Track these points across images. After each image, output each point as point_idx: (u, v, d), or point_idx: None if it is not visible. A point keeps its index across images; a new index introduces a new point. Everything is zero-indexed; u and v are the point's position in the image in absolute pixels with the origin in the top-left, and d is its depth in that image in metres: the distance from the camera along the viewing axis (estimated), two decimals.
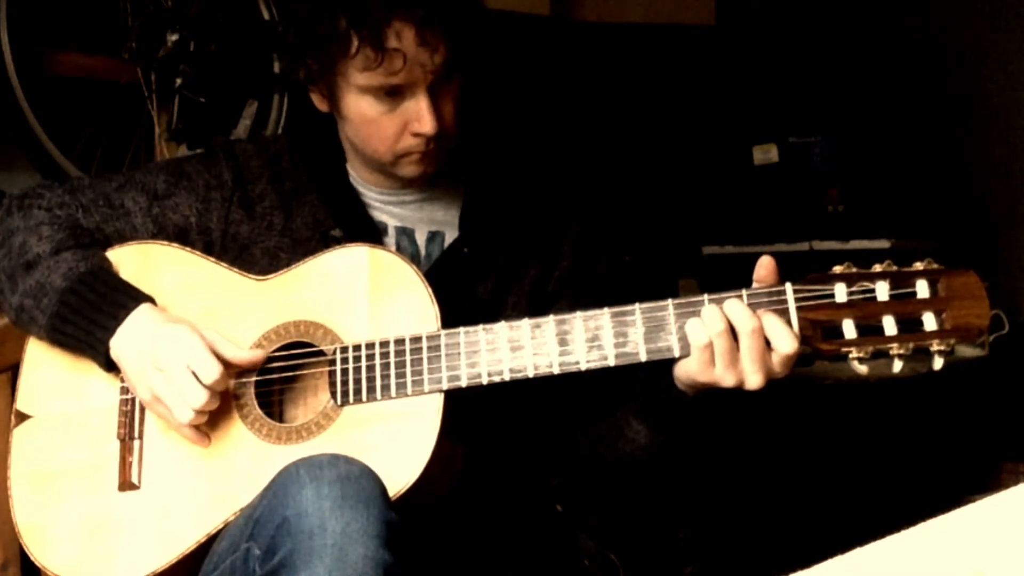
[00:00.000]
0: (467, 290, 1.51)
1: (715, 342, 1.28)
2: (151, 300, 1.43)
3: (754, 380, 1.29)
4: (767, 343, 1.27)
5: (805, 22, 3.61)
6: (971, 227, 3.19)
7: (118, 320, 1.40)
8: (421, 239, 1.57)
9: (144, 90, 2.53)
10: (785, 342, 1.27)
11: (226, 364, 1.38)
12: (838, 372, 2.65)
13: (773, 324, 1.27)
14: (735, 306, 1.28)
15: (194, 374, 1.35)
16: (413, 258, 1.54)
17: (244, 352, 1.39)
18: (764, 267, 1.32)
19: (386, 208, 1.57)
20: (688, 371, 1.32)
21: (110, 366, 1.43)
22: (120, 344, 1.40)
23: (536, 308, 1.51)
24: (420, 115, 1.44)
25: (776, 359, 1.28)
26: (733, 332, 1.28)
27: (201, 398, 1.35)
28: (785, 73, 3.56)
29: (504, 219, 1.56)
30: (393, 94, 1.44)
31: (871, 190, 3.18)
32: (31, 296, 1.44)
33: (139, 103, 2.53)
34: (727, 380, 1.29)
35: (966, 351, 2.73)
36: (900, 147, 3.47)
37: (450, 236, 1.56)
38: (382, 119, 1.45)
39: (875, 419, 2.75)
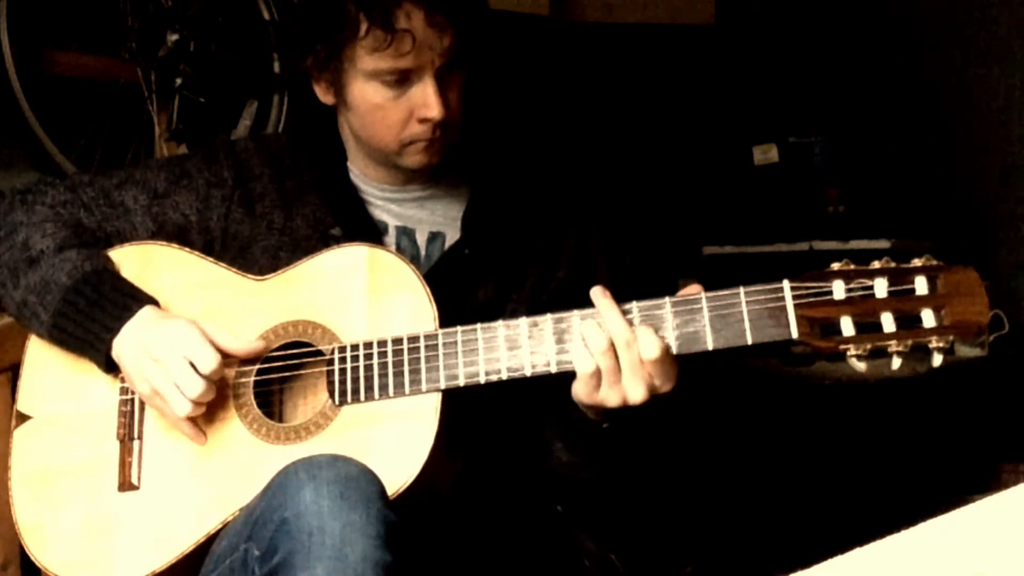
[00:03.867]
0: (467, 293, 1.51)
1: (600, 363, 1.29)
2: (154, 302, 1.43)
3: (636, 394, 1.30)
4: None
5: (805, 22, 3.61)
6: (971, 227, 3.19)
7: (121, 321, 1.41)
8: (422, 239, 1.57)
9: (144, 90, 2.53)
10: (649, 347, 1.28)
11: (226, 355, 1.38)
12: (838, 372, 2.65)
13: (641, 332, 1.28)
14: (614, 320, 1.29)
15: (192, 365, 1.35)
16: (413, 259, 1.54)
17: (244, 342, 1.39)
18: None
19: (387, 207, 1.57)
20: (577, 395, 1.33)
21: (110, 366, 1.43)
22: (121, 344, 1.40)
23: (535, 314, 1.51)
24: (427, 100, 1.44)
25: (650, 369, 1.29)
26: (614, 349, 1.29)
27: (198, 387, 1.35)
28: (785, 73, 3.56)
29: (507, 222, 1.56)
30: (400, 80, 1.44)
31: (871, 190, 3.18)
32: (35, 293, 1.45)
33: (139, 103, 2.53)
34: (611, 399, 1.31)
35: (966, 351, 2.73)
36: (900, 147, 3.47)
37: (451, 237, 1.56)
38: (388, 105, 1.46)
39: (875, 419, 2.74)
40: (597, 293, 1.32)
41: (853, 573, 0.95)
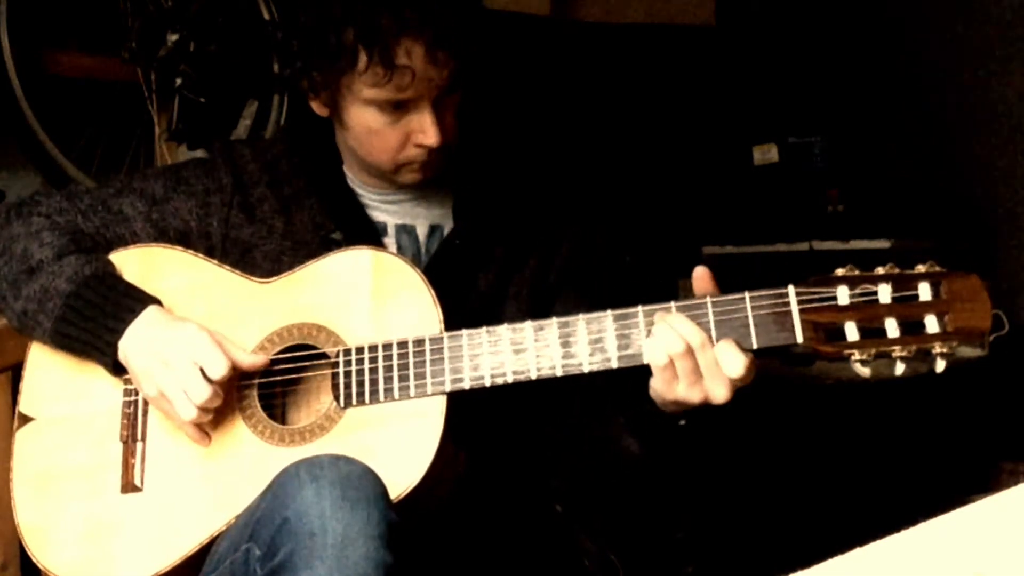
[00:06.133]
0: (468, 282, 1.51)
1: (677, 363, 1.28)
2: (157, 302, 1.44)
3: (720, 394, 1.28)
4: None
5: (805, 22, 3.61)
6: (971, 227, 3.19)
7: (125, 323, 1.41)
8: (422, 234, 1.57)
9: (144, 90, 2.53)
10: (733, 366, 1.26)
11: (232, 365, 1.38)
12: (838, 372, 2.65)
13: (722, 349, 1.27)
14: (682, 323, 1.28)
15: (201, 370, 1.36)
16: (415, 254, 1.55)
17: (247, 355, 1.39)
18: (699, 278, 1.32)
19: (384, 207, 1.57)
20: (655, 389, 1.32)
21: (117, 369, 1.43)
22: (127, 345, 1.40)
23: (539, 299, 1.52)
24: (424, 128, 1.44)
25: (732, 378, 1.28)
26: (691, 349, 1.27)
27: (205, 393, 1.35)
28: (785, 73, 3.56)
29: (499, 212, 1.57)
30: (398, 107, 1.44)
31: (871, 190, 3.18)
32: (35, 301, 1.45)
33: (139, 103, 2.53)
34: (693, 397, 1.29)
35: (966, 351, 2.73)
36: (900, 147, 3.47)
37: (448, 229, 1.57)
38: (385, 130, 1.46)
39: (875, 419, 2.75)
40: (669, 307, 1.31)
41: (853, 573, 0.95)
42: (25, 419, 1.48)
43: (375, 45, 1.38)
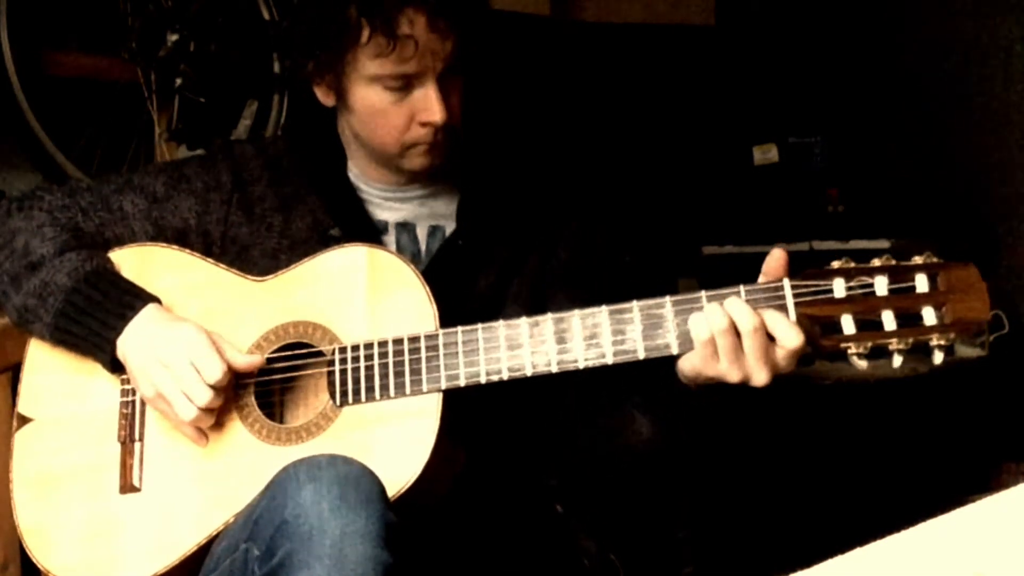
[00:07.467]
0: (468, 283, 1.51)
1: (718, 339, 1.27)
2: (157, 300, 1.44)
3: (760, 377, 1.28)
4: (771, 339, 1.27)
5: (805, 22, 3.61)
6: (971, 227, 3.19)
7: (125, 320, 1.41)
8: (422, 234, 1.57)
9: (144, 90, 2.53)
10: (790, 337, 1.26)
11: (228, 367, 1.38)
12: (838, 372, 2.65)
13: (776, 320, 1.27)
14: (736, 304, 1.28)
15: (198, 371, 1.36)
16: (414, 254, 1.55)
17: (242, 356, 1.39)
18: (775, 260, 1.31)
19: (387, 204, 1.57)
20: (693, 365, 1.31)
21: (115, 366, 1.43)
22: (126, 343, 1.40)
23: (537, 299, 1.52)
24: (429, 104, 1.45)
25: (781, 354, 1.27)
26: (736, 329, 1.27)
27: (205, 395, 1.35)
28: (785, 73, 3.56)
29: (502, 212, 1.57)
30: (403, 85, 1.44)
31: (871, 190, 3.18)
32: (35, 296, 1.45)
33: (139, 103, 2.53)
34: (732, 375, 1.29)
35: (966, 351, 2.74)
36: (900, 147, 3.47)
37: (450, 230, 1.57)
38: (391, 109, 1.46)
39: (875, 419, 2.75)
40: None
41: (853, 573, 0.95)
42: (24, 420, 1.48)
43: (377, 16, 1.39)
